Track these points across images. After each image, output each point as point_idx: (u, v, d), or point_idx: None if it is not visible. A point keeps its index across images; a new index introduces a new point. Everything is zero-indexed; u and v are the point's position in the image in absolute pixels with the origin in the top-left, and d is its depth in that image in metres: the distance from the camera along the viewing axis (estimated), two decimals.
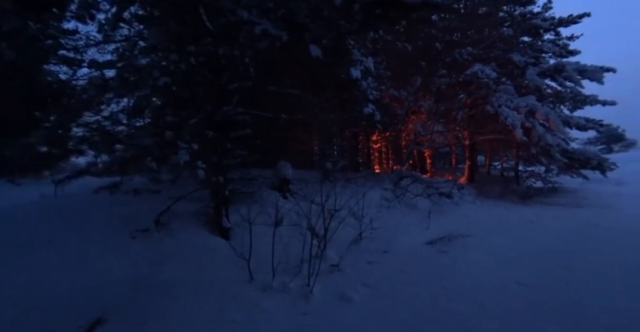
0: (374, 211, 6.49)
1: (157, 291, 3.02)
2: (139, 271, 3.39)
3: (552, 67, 10.85)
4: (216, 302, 2.81)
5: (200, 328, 2.47)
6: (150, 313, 2.64)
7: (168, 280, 3.25)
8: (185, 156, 3.28)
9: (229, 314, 2.64)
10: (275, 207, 5.54)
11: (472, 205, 8.06)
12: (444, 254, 4.24)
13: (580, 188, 13.41)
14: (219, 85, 5.55)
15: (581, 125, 12.34)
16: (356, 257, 4.53)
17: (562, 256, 4.04)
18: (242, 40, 4.32)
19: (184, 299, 2.87)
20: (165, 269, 3.48)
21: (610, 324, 2.44)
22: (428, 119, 10.43)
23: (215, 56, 4.24)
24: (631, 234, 5.43)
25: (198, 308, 2.72)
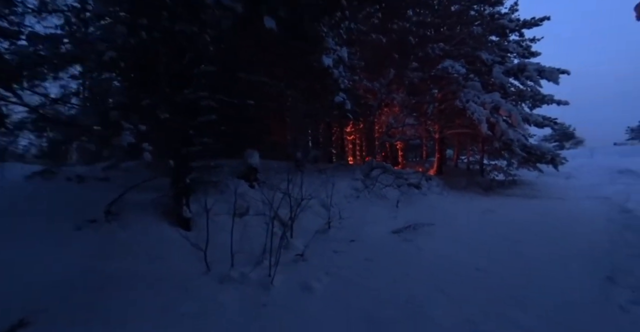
0: (344, 201, 6.44)
1: (101, 287, 2.73)
2: (83, 266, 3.05)
3: (516, 67, 11.32)
4: (165, 296, 2.57)
5: (144, 324, 2.23)
6: (88, 311, 2.36)
7: (115, 274, 2.95)
8: (129, 138, 2.94)
9: (178, 308, 2.42)
10: (241, 196, 5.33)
11: (439, 195, 8.28)
12: (409, 242, 4.26)
13: (536, 181, 14.32)
14: (180, 67, 5.14)
15: (539, 123, 13.10)
16: (323, 246, 4.44)
17: (517, 242, 4.21)
18: (202, 17, 3.95)
19: (130, 295, 2.60)
20: (113, 263, 3.16)
21: (561, 304, 2.53)
22: (400, 112, 10.52)
23: (171, 32, 3.85)
24: (575, 221, 5.83)
25: (144, 303, 2.48)
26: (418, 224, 4.86)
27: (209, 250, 3.49)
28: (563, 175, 15.08)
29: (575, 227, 5.25)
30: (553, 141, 28.06)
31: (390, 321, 2.32)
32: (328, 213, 5.28)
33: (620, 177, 13.88)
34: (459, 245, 4.02)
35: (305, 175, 7.85)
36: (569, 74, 12.16)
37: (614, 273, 3.07)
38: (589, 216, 6.44)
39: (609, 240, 4.46)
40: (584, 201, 9.24)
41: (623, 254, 3.73)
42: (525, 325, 2.21)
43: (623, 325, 2.28)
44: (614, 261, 3.45)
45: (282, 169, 8.06)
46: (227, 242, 4.27)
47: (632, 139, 28.29)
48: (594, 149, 20.00)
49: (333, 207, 6.02)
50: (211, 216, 4.97)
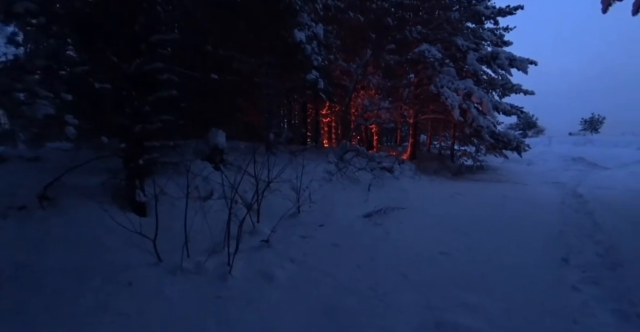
0: (316, 184, 6.23)
1: (26, 284, 2.33)
2: (9, 261, 2.61)
3: (490, 54, 11.37)
4: (103, 293, 2.24)
5: (70, 326, 1.91)
6: (13, 313, 1.99)
7: (46, 269, 2.55)
8: (47, 108, 2.45)
9: (115, 305, 2.11)
10: (204, 179, 4.93)
11: (411, 179, 8.32)
12: (378, 226, 4.16)
13: (501, 166, 14.98)
14: (132, 33, 4.48)
15: (507, 111, 13.50)
16: (291, 231, 4.23)
17: (481, 225, 4.26)
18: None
19: (65, 292, 2.24)
20: (48, 256, 2.74)
21: (520, 286, 2.52)
22: (376, 95, 10.30)
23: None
24: (533, 204, 6.08)
25: (75, 301, 2.13)
26: (388, 208, 4.78)
27: (165, 238, 3.15)
28: (525, 161, 15.92)
29: (534, 210, 5.44)
30: (518, 129, 29.47)
31: (350, 311, 2.17)
32: (298, 197, 5.04)
33: (574, 164, 14.89)
34: (427, 229, 3.97)
35: (277, 157, 7.51)
36: (536, 64, 12.44)
37: (567, 254, 3.14)
38: (546, 200, 6.76)
39: (563, 222, 4.64)
40: (542, 185, 9.75)
41: (574, 235, 3.87)
42: (483, 309, 2.15)
43: (575, 305, 2.29)
44: (568, 242, 3.56)
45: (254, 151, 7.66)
46: (188, 228, 3.94)
47: (585, 130, 30.44)
48: (551, 138, 21.24)
49: (304, 191, 5.80)
50: (171, 200, 4.58)
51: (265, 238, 3.85)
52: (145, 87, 5.10)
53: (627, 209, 5.39)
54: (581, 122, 31.49)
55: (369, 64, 10.29)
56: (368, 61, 9.41)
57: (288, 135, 8.07)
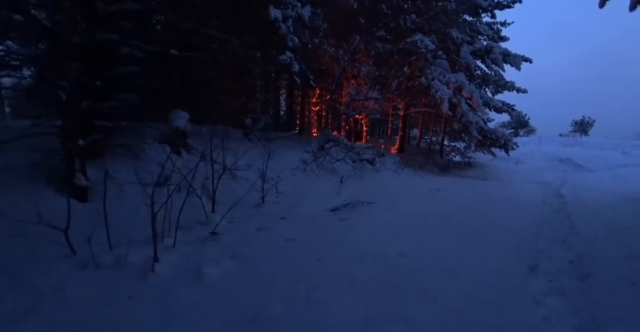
0: (289, 174, 5.88)
1: None
2: None
3: (484, 48, 10.93)
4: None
5: None
6: None
7: None
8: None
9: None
10: (161, 164, 4.53)
11: (393, 173, 8.02)
12: (342, 221, 3.84)
13: (489, 164, 14.79)
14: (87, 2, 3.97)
15: (498, 108, 13.18)
16: (248, 223, 3.90)
17: (452, 224, 3.96)
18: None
19: None
20: None
21: (473, 298, 2.23)
22: (365, 84, 9.86)
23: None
24: (513, 203, 5.84)
25: None
26: (359, 202, 4.46)
27: (101, 228, 2.78)
28: (513, 160, 15.76)
29: (514, 210, 5.18)
30: (510, 128, 29.30)
31: (277, 321, 1.85)
32: (267, 186, 4.69)
33: (560, 165, 14.77)
34: (393, 226, 3.67)
35: (252, 144, 7.11)
36: (531, 62, 12.09)
37: (536, 260, 2.86)
38: (528, 199, 6.53)
39: (540, 223, 4.39)
40: (526, 184, 9.55)
41: (548, 238, 3.61)
42: (427, 327, 1.85)
43: (533, 321, 2.02)
44: (539, 246, 3.30)
45: (228, 136, 7.23)
46: (131, 217, 3.59)
47: (575, 132, 30.48)
48: (541, 137, 21.13)
49: (274, 180, 5.45)
50: (120, 186, 4.19)
51: (215, 230, 3.51)
52: (99, 61, 4.62)
53: (606, 211, 5.17)
54: (572, 123, 31.47)
55: (358, 51, 9.79)
56: (357, 48, 8.92)
57: (267, 122, 7.64)
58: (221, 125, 8.02)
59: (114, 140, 4.60)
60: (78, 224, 2.88)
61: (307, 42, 7.37)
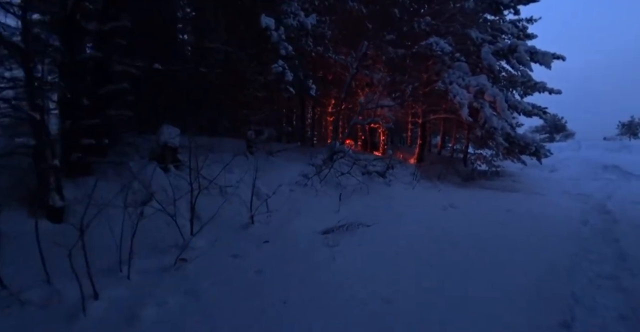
0: (286, 189, 5.47)
1: None
2: None
3: (507, 47, 10.01)
4: None
5: None
6: None
7: None
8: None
9: None
10: (146, 181, 4.30)
11: (406, 186, 7.33)
12: (329, 248, 3.32)
13: (520, 173, 13.46)
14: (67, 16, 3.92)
15: (527, 111, 11.99)
16: (228, 247, 3.50)
17: (459, 258, 3.25)
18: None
19: None
20: None
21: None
22: (375, 92, 9.34)
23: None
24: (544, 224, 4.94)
25: None
26: (354, 223, 3.91)
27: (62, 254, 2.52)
28: (548, 168, 14.22)
29: (544, 232, 4.33)
30: (544, 133, 26.97)
31: None
32: (251, 205, 4.30)
33: (604, 173, 13.03)
34: (386, 257, 3.08)
35: (253, 157, 6.82)
36: (564, 59, 10.94)
37: (570, 312, 2.14)
38: (562, 217, 5.56)
39: (575, 252, 3.56)
40: (562, 197, 8.38)
41: (588, 278, 2.81)
42: None
43: None
44: (576, 289, 2.54)
45: (228, 150, 7.01)
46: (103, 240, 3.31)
47: (622, 135, 27.29)
48: (581, 142, 19.05)
49: (267, 197, 5.05)
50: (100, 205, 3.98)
51: (188, 255, 3.14)
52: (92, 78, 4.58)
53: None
54: (618, 126, 28.28)
55: (367, 57, 9.33)
56: (366, 54, 8.47)
57: (271, 134, 7.34)
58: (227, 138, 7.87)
59: (101, 158, 4.48)
60: (45, 248, 2.65)
61: (310, 50, 7.05)
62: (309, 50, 7.01)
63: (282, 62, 5.01)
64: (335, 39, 9.04)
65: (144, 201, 4.08)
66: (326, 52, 7.58)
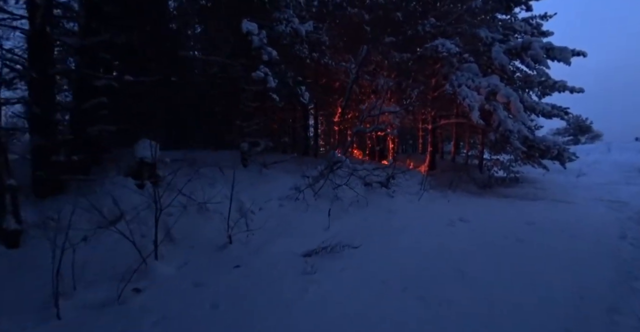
0: (275, 204, 5.02)
1: None
2: None
3: (520, 44, 9.29)
4: None
5: None
6: None
7: None
8: None
9: None
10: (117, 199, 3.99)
11: (410, 197, 6.69)
12: (306, 276, 2.81)
13: (542, 179, 12.36)
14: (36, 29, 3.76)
15: (546, 112, 11.08)
16: (191, 273, 3.08)
17: (462, 283, 2.65)
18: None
19: None
20: None
21: None
22: (379, 98, 8.86)
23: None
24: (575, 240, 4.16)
25: None
26: (339, 245, 3.37)
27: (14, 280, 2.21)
28: (574, 172, 12.98)
29: (571, 256, 3.56)
30: (567, 135, 25.18)
31: None
32: (228, 223, 3.88)
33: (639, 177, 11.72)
34: (369, 290, 2.51)
35: (245, 170, 6.46)
36: (585, 55, 10.05)
37: None
38: (595, 230, 4.74)
39: (612, 279, 2.85)
40: (594, 204, 7.41)
41: (630, 321, 2.13)
42: None
43: None
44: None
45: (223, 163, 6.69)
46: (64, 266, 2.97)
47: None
48: (611, 143, 17.47)
49: (255, 213, 4.63)
50: (61, 228, 3.69)
51: (140, 287, 2.73)
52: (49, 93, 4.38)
53: None
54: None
55: (367, 62, 8.91)
56: (366, 59, 8.05)
57: (267, 145, 6.98)
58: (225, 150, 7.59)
59: (84, 175, 4.24)
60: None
61: (305, 57, 6.72)
62: (304, 57, 6.68)
63: (265, 69, 4.66)
64: (336, 45, 8.71)
65: (112, 221, 3.76)
66: (322, 58, 7.23)
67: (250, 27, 4.43)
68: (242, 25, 4.40)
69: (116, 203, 3.75)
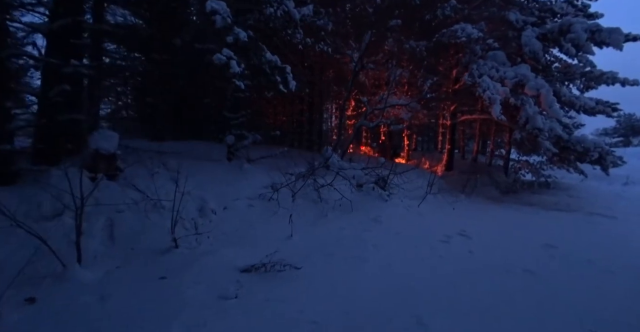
0: (244, 204, 4.47)
1: None
2: None
3: (557, 27, 7.86)
4: None
5: None
6: None
7: None
8: None
9: None
10: (64, 192, 3.65)
11: (409, 202, 5.83)
12: (220, 302, 2.21)
13: (579, 186, 10.70)
14: None
15: (588, 108, 9.44)
16: (111, 282, 2.65)
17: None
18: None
19: None
20: None
21: None
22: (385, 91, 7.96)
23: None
24: (610, 269, 3.14)
25: None
26: (280, 263, 2.71)
27: None
28: (620, 179, 11.12)
29: (598, 308, 2.55)
30: (616, 136, 22.02)
31: None
32: (173, 223, 3.39)
33: None
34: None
35: (226, 165, 5.99)
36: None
37: None
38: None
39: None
40: (633, 218, 6.04)
41: None
42: None
43: None
44: None
45: (206, 156, 6.28)
46: None
47: None
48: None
49: (216, 214, 4.12)
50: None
51: (30, 296, 2.31)
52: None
53: None
54: None
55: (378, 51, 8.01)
56: (369, 45, 7.19)
57: (256, 139, 6.46)
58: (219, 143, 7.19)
59: (31, 165, 3.99)
60: None
61: (298, 43, 6.04)
62: (296, 43, 6.01)
63: (228, 52, 4.04)
64: (339, 31, 7.90)
65: (54, 216, 3.43)
66: (316, 45, 6.49)
67: (215, 6, 3.84)
68: (207, 5, 3.82)
69: (57, 197, 3.41)
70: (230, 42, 4.08)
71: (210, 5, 3.81)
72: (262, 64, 4.61)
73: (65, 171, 3.30)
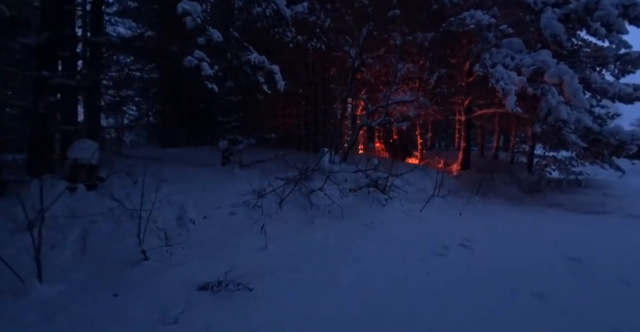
0: (226, 213, 4.26)
1: None
2: None
3: (582, 6, 6.96)
4: None
5: None
6: None
7: None
8: None
9: None
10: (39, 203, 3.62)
11: (411, 206, 5.33)
12: (158, 329, 1.97)
13: (616, 183, 9.53)
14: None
15: (625, 95, 8.29)
16: (67, 299, 2.52)
17: None
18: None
19: None
20: None
21: None
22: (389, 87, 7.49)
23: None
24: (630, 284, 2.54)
25: None
26: (233, 283, 2.41)
27: None
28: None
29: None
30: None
31: None
32: (140, 234, 3.23)
33: None
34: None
35: (217, 170, 5.84)
36: None
37: None
38: None
39: None
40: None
41: None
42: None
43: None
44: None
45: (199, 162, 6.19)
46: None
47: None
48: None
49: (194, 224, 3.93)
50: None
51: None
52: None
53: None
54: None
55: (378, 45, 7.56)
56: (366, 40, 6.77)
57: (250, 143, 6.29)
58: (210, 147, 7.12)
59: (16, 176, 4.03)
60: None
61: (288, 41, 5.78)
62: (286, 41, 5.75)
63: (200, 53, 3.84)
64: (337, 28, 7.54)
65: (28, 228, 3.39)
66: (308, 41, 6.17)
67: (187, 7, 3.66)
68: (178, 6, 3.65)
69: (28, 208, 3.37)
70: (202, 43, 3.90)
71: (182, 7, 3.64)
72: (242, 64, 4.39)
73: (41, 182, 3.25)
